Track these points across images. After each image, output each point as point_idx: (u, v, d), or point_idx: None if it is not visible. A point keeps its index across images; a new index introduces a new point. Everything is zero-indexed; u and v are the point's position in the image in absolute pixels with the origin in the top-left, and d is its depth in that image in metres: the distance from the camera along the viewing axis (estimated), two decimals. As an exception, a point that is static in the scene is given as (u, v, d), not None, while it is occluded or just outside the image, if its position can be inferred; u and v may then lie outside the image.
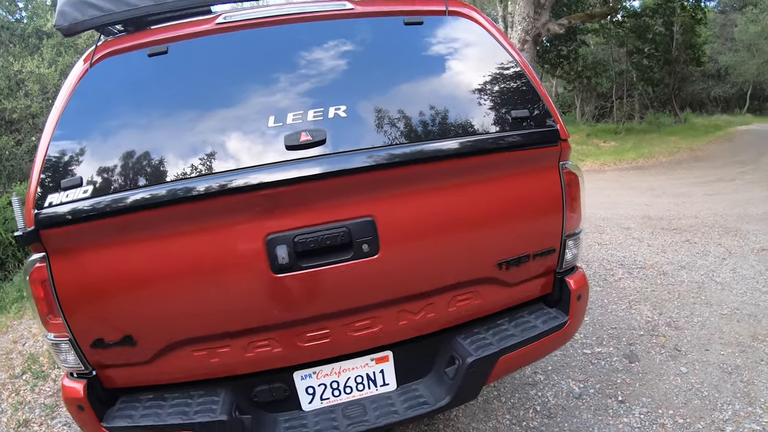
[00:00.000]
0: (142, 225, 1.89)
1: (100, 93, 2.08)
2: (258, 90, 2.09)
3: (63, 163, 1.94)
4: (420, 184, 2.05)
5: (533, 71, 2.34)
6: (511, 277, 2.29)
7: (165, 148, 1.97)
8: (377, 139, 2.03)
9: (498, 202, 2.18)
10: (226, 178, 1.88)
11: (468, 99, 2.21)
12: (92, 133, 2.00)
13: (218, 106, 2.04)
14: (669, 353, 3.79)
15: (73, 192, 1.89)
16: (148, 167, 1.93)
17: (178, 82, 2.12)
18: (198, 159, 1.94)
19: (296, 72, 2.11)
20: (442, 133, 2.10)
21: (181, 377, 2.14)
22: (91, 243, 1.91)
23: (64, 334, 1.98)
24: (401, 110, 2.10)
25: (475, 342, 2.25)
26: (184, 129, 2.00)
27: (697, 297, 4.72)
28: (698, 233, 6.71)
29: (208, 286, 1.96)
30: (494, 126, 2.18)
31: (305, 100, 2.05)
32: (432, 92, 2.19)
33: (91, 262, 1.92)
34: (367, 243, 2.00)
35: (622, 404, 3.25)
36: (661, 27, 25.32)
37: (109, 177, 1.92)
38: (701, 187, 10.60)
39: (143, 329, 2.00)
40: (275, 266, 1.95)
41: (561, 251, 2.37)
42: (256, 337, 2.07)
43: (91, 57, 2.09)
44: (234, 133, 1.99)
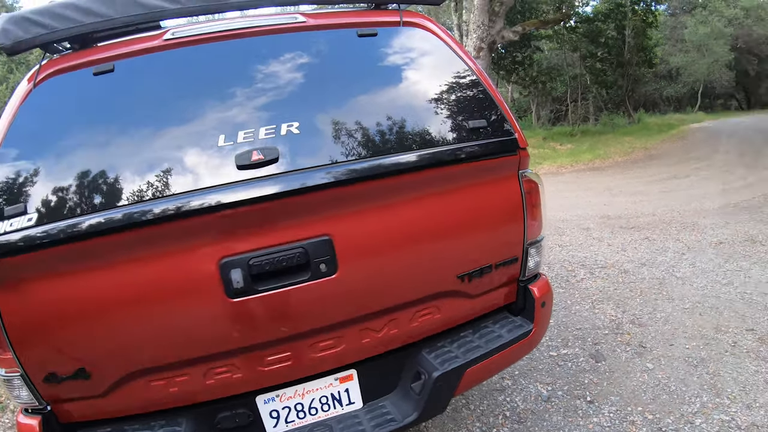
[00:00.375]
0: (89, 253, 1.81)
1: (45, 114, 1.99)
2: (208, 108, 2.01)
3: (6, 189, 1.84)
4: (378, 199, 2.02)
5: (489, 80, 2.34)
6: (473, 288, 2.27)
7: (112, 171, 1.88)
8: (333, 155, 1.98)
9: (458, 214, 2.16)
10: (176, 201, 1.80)
11: (425, 110, 2.19)
12: (37, 158, 1.91)
13: (167, 126, 1.97)
14: (634, 350, 3.84)
15: (17, 220, 1.79)
16: (95, 192, 1.85)
17: (125, 102, 2.04)
18: (147, 181, 1.86)
19: (247, 88, 2.05)
20: (399, 146, 2.07)
21: (139, 408, 2.06)
22: (37, 273, 1.81)
23: (15, 370, 1.88)
24: (357, 124, 2.06)
25: (440, 356, 2.23)
26: (132, 151, 1.92)
27: (658, 293, 4.81)
28: (656, 230, 6.87)
29: (162, 314, 1.89)
30: (452, 136, 2.16)
31: (257, 116, 1.99)
32: (388, 105, 2.16)
33: (38, 293, 1.83)
34: (324, 263, 1.95)
35: (591, 404, 3.26)
36: (613, 31, 26.03)
37: (55, 203, 1.83)
38: (657, 184, 10.86)
39: (96, 361, 1.91)
40: (230, 291, 1.88)
41: (523, 259, 2.36)
42: (215, 364, 2.00)
43: (35, 77, 2.01)
44: (184, 153, 1.91)
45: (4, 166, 1.87)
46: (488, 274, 2.28)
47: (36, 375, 1.90)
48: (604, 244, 6.54)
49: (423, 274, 2.16)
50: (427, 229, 2.11)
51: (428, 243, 2.12)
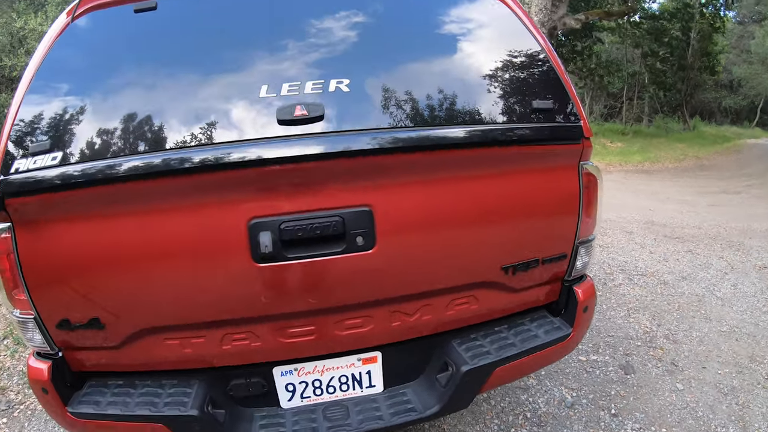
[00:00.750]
0: (113, 199, 1.71)
1: (80, 50, 1.90)
2: (252, 54, 1.89)
3: (35, 126, 1.76)
4: (426, 173, 1.86)
5: (559, 60, 2.14)
6: (516, 282, 2.12)
7: (144, 114, 1.76)
8: (382, 119, 1.83)
9: (510, 200, 1.99)
10: (208, 152, 1.67)
11: (485, 83, 2.00)
12: (67, 94, 1.81)
13: (206, 71, 1.85)
14: (666, 367, 3.67)
15: (42, 158, 1.71)
16: (123, 135, 1.74)
17: (165, 42, 1.93)
18: (179, 129, 1.74)
19: (297, 37, 1.91)
20: (454, 118, 1.90)
21: (152, 365, 1.99)
22: (57, 215, 1.73)
23: (29, 312, 1.82)
24: (411, 90, 1.89)
25: (471, 349, 2.10)
26: (167, 94, 1.82)
27: (696, 311, 4.60)
28: (701, 244, 6.59)
29: (183, 270, 1.78)
30: (512, 115, 1.98)
31: (304, 69, 1.84)
32: (447, 73, 2.00)
33: (57, 235, 1.75)
34: (362, 235, 1.80)
35: (614, 417, 3.12)
36: (678, 32, 25.22)
37: (81, 143, 1.73)
38: (706, 197, 10.49)
39: (111, 313, 1.83)
40: (257, 255, 1.75)
41: (572, 258, 2.19)
42: (234, 330, 1.90)
43: (74, 10, 1.91)
44: (221, 101, 1.79)
45: (34, 100, 1.79)
46: (534, 269, 2.12)
47: (49, 320, 1.84)
48: (646, 251, 6.30)
49: (466, 260, 2.01)
50: (476, 212, 1.94)
51: (475, 227, 1.96)
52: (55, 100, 1.80)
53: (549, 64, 2.08)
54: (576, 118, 2.06)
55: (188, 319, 1.86)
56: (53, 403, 1.89)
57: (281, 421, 2.04)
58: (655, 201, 9.76)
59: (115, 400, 1.90)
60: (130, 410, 1.85)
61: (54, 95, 1.81)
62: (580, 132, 2.05)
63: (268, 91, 1.77)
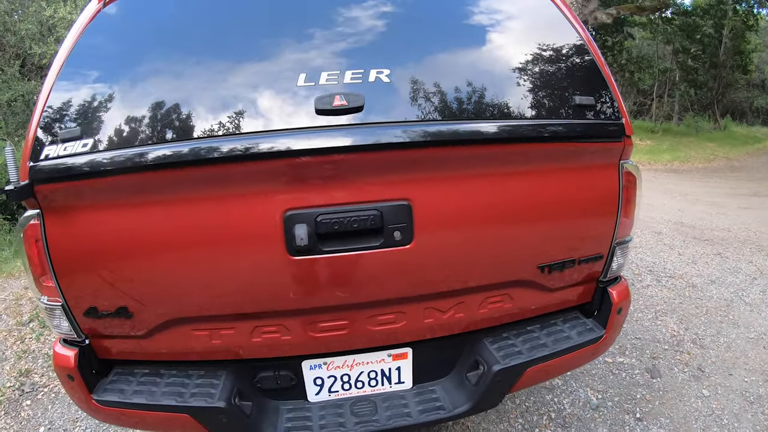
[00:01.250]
0: (144, 187, 1.69)
1: (113, 36, 1.87)
2: (291, 42, 1.83)
3: (65, 112, 1.74)
4: (467, 168, 1.81)
5: (601, 55, 2.08)
6: (552, 281, 2.07)
7: (177, 102, 1.73)
8: (422, 111, 1.78)
9: (549, 197, 1.94)
10: (244, 141, 1.63)
11: (529, 78, 1.95)
12: (99, 81, 1.79)
13: (243, 57, 1.81)
14: (692, 373, 3.61)
15: (72, 145, 1.69)
16: (156, 122, 1.72)
17: (200, 27, 1.89)
18: (213, 117, 1.71)
19: (337, 25, 1.86)
20: (497, 113, 1.85)
21: (179, 355, 1.97)
22: (88, 202, 1.71)
23: (56, 299, 1.81)
24: (451, 82, 1.84)
25: (503, 348, 2.06)
26: (201, 82, 1.77)
27: (724, 316, 4.51)
28: (730, 247, 6.45)
29: (214, 262, 1.76)
30: (555, 111, 1.92)
31: (343, 58, 1.80)
32: (489, 66, 1.94)
33: (87, 224, 1.73)
34: (399, 230, 1.76)
35: (639, 422, 3.08)
36: (710, 29, 24.60)
37: (113, 130, 1.71)
38: (736, 199, 10.25)
39: (140, 302, 1.82)
40: (292, 247, 1.72)
41: (608, 259, 2.14)
42: (265, 323, 1.88)
43: None
44: (258, 89, 1.75)
45: (64, 86, 1.77)
46: (570, 269, 2.07)
47: (77, 307, 1.83)
48: (675, 252, 6.20)
49: (503, 258, 1.97)
50: (515, 209, 1.90)
51: (513, 225, 1.92)
52: (85, 87, 1.77)
53: (591, 59, 2.03)
54: (618, 116, 2.00)
55: (219, 311, 1.84)
56: (78, 390, 1.89)
57: (308, 414, 2.02)
58: (685, 202, 9.59)
59: (141, 389, 1.90)
60: (156, 399, 1.85)
61: (84, 82, 1.78)
62: (622, 130, 2.00)
63: (306, 80, 1.73)
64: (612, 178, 2.03)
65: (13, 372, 3.68)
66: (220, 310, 1.84)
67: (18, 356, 3.87)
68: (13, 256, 6.10)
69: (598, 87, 2.00)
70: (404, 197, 1.76)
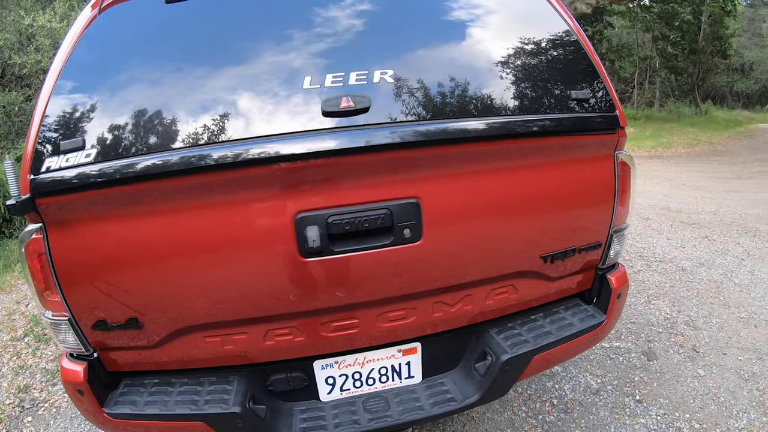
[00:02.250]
0: (152, 196, 1.67)
1: (108, 43, 1.85)
2: (294, 45, 1.84)
3: (64, 122, 1.71)
4: (471, 164, 1.84)
5: (593, 48, 2.14)
6: (554, 271, 2.13)
7: (181, 108, 1.72)
8: (426, 110, 1.80)
9: (549, 190, 1.99)
10: (251, 145, 1.63)
11: (526, 73, 1.99)
12: (98, 89, 1.77)
13: (246, 62, 1.81)
14: (687, 354, 3.69)
15: (74, 156, 1.65)
16: (161, 130, 1.70)
17: (200, 32, 1.88)
18: (219, 122, 1.70)
19: (340, 27, 1.88)
20: (499, 109, 1.89)
21: (191, 363, 1.97)
22: (93, 214, 1.68)
23: (62, 314, 1.79)
24: (453, 81, 1.87)
25: (509, 338, 2.11)
26: (205, 87, 1.76)
27: (715, 297, 4.60)
28: (717, 230, 6.57)
29: (227, 268, 1.75)
30: (553, 106, 1.97)
31: (348, 60, 1.81)
32: (490, 63, 1.97)
33: (93, 235, 1.70)
34: (409, 227, 1.79)
35: (639, 404, 3.15)
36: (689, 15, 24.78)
37: (116, 139, 1.69)
38: (720, 182, 10.40)
39: (151, 312, 1.80)
40: (304, 249, 1.72)
41: (606, 247, 2.20)
42: (278, 325, 1.89)
43: (100, 2, 1.86)
44: (263, 94, 1.74)
45: (63, 97, 1.74)
46: (570, 258, 2.12)
47: (85, 321, 1.81)
48: (663, 237, 6.29)
49: (507, 250, 2.01)
50: (518, 202, 1.94)
51: (517, 218, 1.97)
52: (85, 95, 1.75)
53: (585, 54, 2.08)
54: (612, 108, 2.06)
55: (232, 316, 1.84)
56: (89, 405, 1.87)
57: (321, 414, 2.03)
58: (670, 187, 9.71)
59: (154, 399, 1.88)
60: (170, 409, 1.83)
61: (84, 90, 1.75)
62: (616, 122, 2.05)
63: (312, 83, 1.75)
64: (608, 169, 2.09)
65: (12, 388, 3.64)
66: (233, 315, 1.83)
67: (15, 372, 3.83)
68: (2, 270, 6.04)
69: (593, 81, 2.06)
70: (412, 195, 1.78)
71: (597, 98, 2.04)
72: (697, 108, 25.88)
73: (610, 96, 2.07)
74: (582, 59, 2.07)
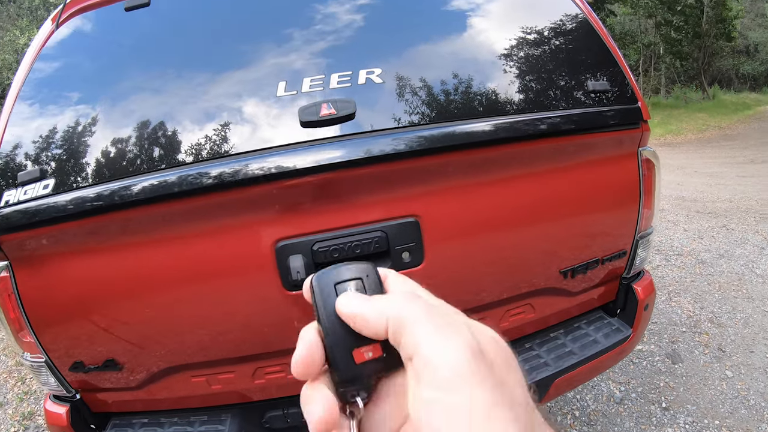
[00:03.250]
0: (115, 228, 1.50)
1: (69, 59, 1.70)
2: (264, 48, 1.64)
3: (22, 151, 1.55)
4: (477, 174, 1.61)
5: (610, 36, 1.93)
6: (574, 285, 1.93)
7: (144, 129, 1.52)
8: (424, 114, 1.57)
9: (567, 196, 1.77)
10: (218, 166, 1.41)
11: (533, 65, 1.76)
12: (57, 112, 1.60)
13: (213, 71, 1.61)
14: (713, 354, 3.51)
15: (32, 188, 1.49)
16: (123, 154, 1.51)
17: (163, 42, 1.71)
18: (185, 141, 1.50)
19: (315, 23, 1.66)
20: (506, 108, 1.65)
21: (179, 402, 1.81)
22: (54, 249, 1.52)
23: (39, 356, 1.64)
24: (453, 78, 1.64)
25: (528, 360, 1.91)
26: (169, 102, 1.57)
27: (738, 290, 4.42)
28: (734, 218, 6.38)
29: (203, 305, 1.56)
30: (567, 101, 1.73)
31: (327, 60, 1.59)
32: (493, 56, 1.74)
33: (59, 273, 1.54)
34: (408, 250, 1.56)
35: (666, 411, 2.97)
36: (691, -1, 24.54)
37: (76, 167, 1.52)
38: (733, 168, 10.19)
39: (128, 353, 1.63)
40: (288, 282, 1.52)
41: (631, 254, 2.00)
42: (267, 363, 1.70)
43: (58, 16, 1.71)
44: (232, 105, 1.53)
45: (19, 121, 1.58)
46: (593, 270, 1.92)
47: (61, 363, 1.66)
48: (680, 228, 6.10)
49: (522, 268, 1.80)
50: (532, 214, 1.72)
51: (531, 231, 1.75)
52: (42, 120, 1.58)
53: (601, 42, 1.86)
54: (633, 99, 1.83)
55: (215, 356, 1.66)
56: None
57: None
58: (682, 175, 9.51)
59: None
60: None
61: (41, 116, 1.60)
62: (639, 115, 1.83)
63: (287, 89, 1.53)
64: (631, 169, 1.87)
65: (16, 416, 3.54)
66: (216, 354, 1.66)
67: (20, 398, 3.73)
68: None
69: (611, 71, 1.83)
70: (411, 213, 1.55)
71: (618, 90, 1.81)
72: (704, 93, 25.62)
73: (631, 86, 1.84)
74: (596, 45, 1.85)
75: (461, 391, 0.34)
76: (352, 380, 0.42)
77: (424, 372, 0.36)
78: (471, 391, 0.34)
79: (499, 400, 0.34)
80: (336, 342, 0.42)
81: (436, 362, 0.36)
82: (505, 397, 0.35)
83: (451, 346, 0.36)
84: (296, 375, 0.43)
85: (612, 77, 1.82)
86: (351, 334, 0.42)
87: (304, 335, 0.45)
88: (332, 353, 0.42)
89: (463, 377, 0.35)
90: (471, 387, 0.34)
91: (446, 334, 0.37)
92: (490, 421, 0.33)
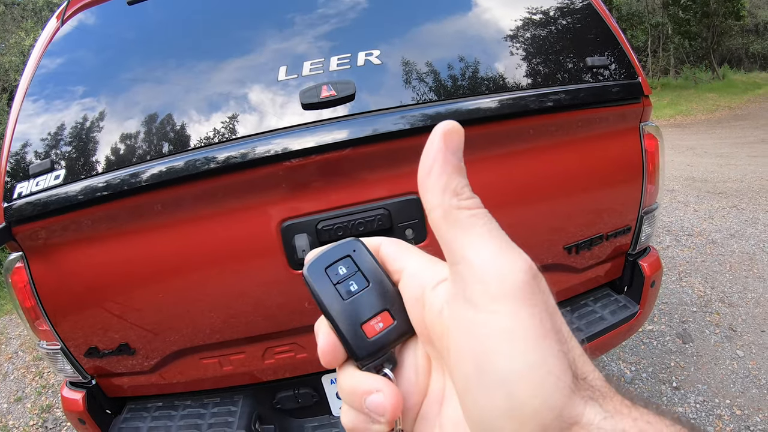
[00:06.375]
0: (125, 215, 1.53)
1: (75, 55, 1.72)
2: (264, 33, 1.65)
3: (33, 145, 1.59)
4: (477, 150, 1.60)
5: (607, 10, 1.90)
6: (579, 261, 1.91)
7: (149, 118, 1.56)
8: (423, 92, 1.58)
9: (571, 172, 1.76)
10: (223, 150, 1.44)
11: (533, 44, 1.75)
12: (65, 105, 1.63)
13: (215, 58, 1.63)
14: (724, 333, 3.49)
15: (44, 179, 1.53)
16: (131, 143, 1.54)
17: (167, 33, 1.73)
18: (189, 128, 1.53)
19: (314, 8, 1.68)
20: (505, 84, 1.65)
21: (192, 385, 1.84)
22: (70, 237, 1.56)
23: (54, 343, 1.69)
24: (451, 55, 1.64)
25: None
26: (173, 91, 1.60)
27: (749, 270, 4.39)
28: (745, 198, 6.32)
29: (212, 286, 1.59)
30: (566, 76, 1.72)
31: (326, 43, 1.61)
32: (491, 32, 1.74)
33: (71, 260, 1.58)
34: (411, 227, 1.58)
35: (676, 391, 2.96)
36: (699, -23, 24.19)
37: (85, 157, 1.55)
38: (744, 148, 10.06)
39: (140, 337, 1.67)
40: (294, 261, 1.55)
41: (636, 230, 1.98)
42: (276, 343, 1.73)
43: (63, 13, 1.74)
44: (235, 90, 1.56)
45: (29, 115, 1.62)
46: (598, 246, 1.91)
47: (76, 349, 1.70)
48: (690, 209, 6.05)
49: (527, 243, 1.75)
50: (535, 189, 1.72)
51: (535, 206, 1.74)
52: (50, 114, 1.62)
53: (599, 16, 1.84)
54: (634, 74, 1.81)
55: (225, 337, 1.69)
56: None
57: (335, 429, 1.89)
58: (693, 156, 9.42)
59: (156, 425, 1.77)
60: None
61: (49, 109, 1.63)
62: (639, 89, 1.81)
63: (288, 73, 1.55)
64: (633, 144, 1.86)
65: (35, 409, 3.60)
66: (225, 336, 1.69)
67: (38, 392, 3.79)
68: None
69: (610, 46, 1.81)
70: (412, 190, 1.56)
71: (617, 64, 1.80)
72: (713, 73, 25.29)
73: (631, 61, 1.82)
74: (595, 21, 1.83)
75: (516, 314, 0.31)
76: (371, 355, 0.41)
77: (474, 286, 0.33)
78: (530, 311, 0.32)
79: (550, 329, 0.32)
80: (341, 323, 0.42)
81: (490, 275, 0.33)
82: (555, 327, 0.33)
83: (508, 260, 0.33)
84: (326, 365, 0.43)
85: (611, 53, 1.81)
86: (355, 311, 0.42)
87: (317, 327, 0.45)
88: (342, 335, 0.42)
89: (519, 298, 0.32)
90: (529, 309, 0.32)
91: (503, 247, 0.35)
92: (542, 351, 0.31)
